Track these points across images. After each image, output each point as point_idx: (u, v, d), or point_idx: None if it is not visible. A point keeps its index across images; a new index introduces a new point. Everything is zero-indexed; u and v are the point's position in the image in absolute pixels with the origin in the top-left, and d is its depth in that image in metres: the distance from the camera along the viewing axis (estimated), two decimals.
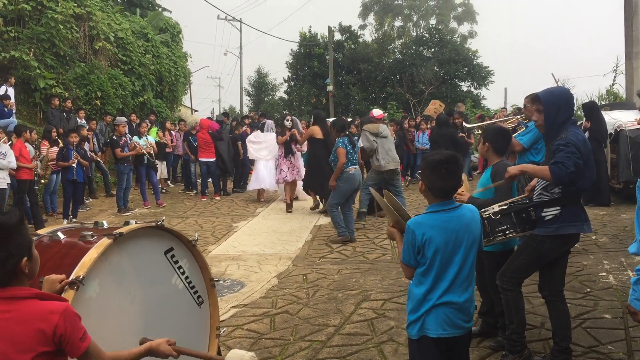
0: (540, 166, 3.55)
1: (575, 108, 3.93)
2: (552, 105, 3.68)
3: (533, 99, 5.32)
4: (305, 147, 11.22)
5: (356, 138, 9.42)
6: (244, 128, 14.63)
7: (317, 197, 10.73)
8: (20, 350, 1.82)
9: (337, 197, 8.10)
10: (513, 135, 6.01)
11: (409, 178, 14.50)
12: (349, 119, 20.18)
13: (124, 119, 12.38)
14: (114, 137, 11.37)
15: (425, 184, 2.83)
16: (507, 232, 3.63)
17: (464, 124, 12.76)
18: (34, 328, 1.83)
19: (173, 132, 15.62)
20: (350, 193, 8.21)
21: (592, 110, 9.78)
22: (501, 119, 7.46)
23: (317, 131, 10.29)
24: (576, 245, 4.04)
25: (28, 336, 1.83)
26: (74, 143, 10.41)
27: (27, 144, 9.62)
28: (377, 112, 10.51)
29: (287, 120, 11.28)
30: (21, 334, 1.83)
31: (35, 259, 1.99)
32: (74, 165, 10.16)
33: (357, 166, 8.25)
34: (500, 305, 4.06)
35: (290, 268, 6.94)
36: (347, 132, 8.38)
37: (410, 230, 2.73)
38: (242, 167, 14.48)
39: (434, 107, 17.24)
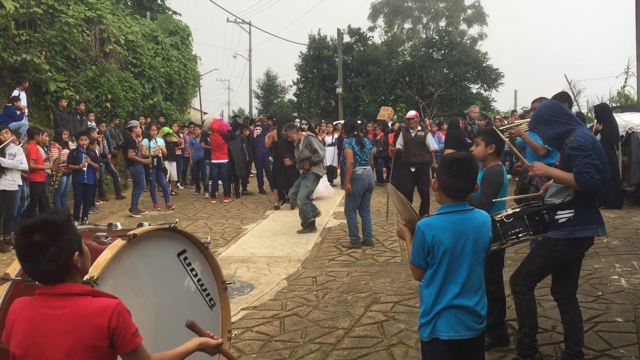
0: (565, 173, 3.52)
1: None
2: (537, 121, 3.79)
3: (539, 101, 5.36)
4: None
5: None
6: (255, 129, 14.68)
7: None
8: (77, 344, 1.86)
9: (350, 200, 8.02)
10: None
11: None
12: (358, 122, 20.22)
13: (137, 122, 12.72)
14: (132, 138, 11.53)
15: (438, 182, 2.85)
16: (519, 235, 3.61)
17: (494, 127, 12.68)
18: (91, 323, 1.87)
19: (182, 135, 15.70)
20: (362, 194, 8.02)
21: (604, 112, 9.73)
22: (521, 122, 7.43)
23: (275, 133, 11.44)
24: None
25: (85, 331, 1.86)
26: (84, 145, 10.48)
27: (39, 146, 9.66)
28: (411, 112, 10.60)
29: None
30: (78, 329, 1.86)
31: (86, 254, 2.02)
32: (85, 168, 10.26)
33: (367, 167, 8.06)
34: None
35: (300, 270, 6.94)
36: (356, 133, 8.15)
37: (421, 231, 2.73)
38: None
39: (387, 113, 17.68)
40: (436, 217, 2.78)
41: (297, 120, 13.10)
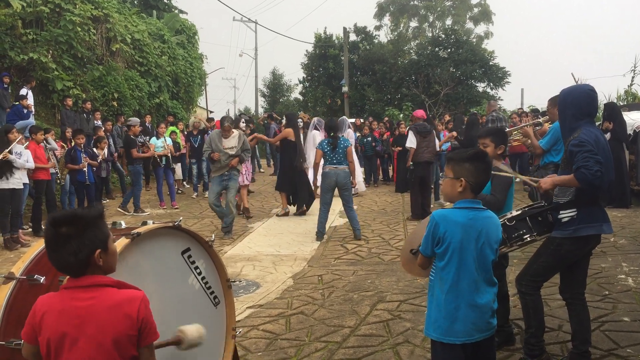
0: (568, 176, 3.48)
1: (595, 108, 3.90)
2: (561, 103, 3.76)
3: (553, 101, 5.33)
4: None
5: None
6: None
7: (287, 203, 10.91)
8: (109, 333, 1.89)
9: (321, 195, 8.53)
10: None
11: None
12: (361, 120, 20.29)
13: (137, 119, 12.67)
14: (131, 137, 11.50)
15: (467, 180, 2.76)
16: (524, 237, 3.57)
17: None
18: (121, 312, 1.91)
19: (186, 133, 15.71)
20: (331, 190, 8.42)
21: (613, 111, 9.72)
22: (528, 123, 7.43)
23: (290, 133, 10.86)
24: None
25: (116, 320, 1.90)
26: (82, 144, 10.50)
27: (42, 145, 9.68)
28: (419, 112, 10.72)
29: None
30: (109, 318, 1.90)
31: (111, 253, 2.03)
32: (85, 169, 10.31)
33: (339, 166, 8.28)
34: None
35: (306, 269, 6.93)
36: (332, 134, 8.52)
37: (435, 221, 2.74)
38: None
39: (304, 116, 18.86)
40: (452, 211, 2.77)
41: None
